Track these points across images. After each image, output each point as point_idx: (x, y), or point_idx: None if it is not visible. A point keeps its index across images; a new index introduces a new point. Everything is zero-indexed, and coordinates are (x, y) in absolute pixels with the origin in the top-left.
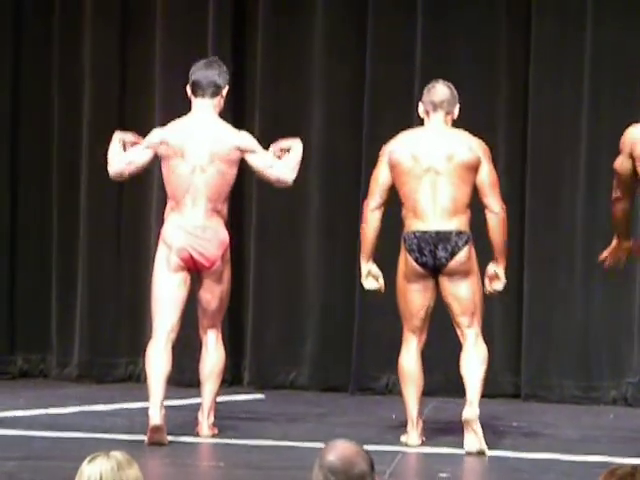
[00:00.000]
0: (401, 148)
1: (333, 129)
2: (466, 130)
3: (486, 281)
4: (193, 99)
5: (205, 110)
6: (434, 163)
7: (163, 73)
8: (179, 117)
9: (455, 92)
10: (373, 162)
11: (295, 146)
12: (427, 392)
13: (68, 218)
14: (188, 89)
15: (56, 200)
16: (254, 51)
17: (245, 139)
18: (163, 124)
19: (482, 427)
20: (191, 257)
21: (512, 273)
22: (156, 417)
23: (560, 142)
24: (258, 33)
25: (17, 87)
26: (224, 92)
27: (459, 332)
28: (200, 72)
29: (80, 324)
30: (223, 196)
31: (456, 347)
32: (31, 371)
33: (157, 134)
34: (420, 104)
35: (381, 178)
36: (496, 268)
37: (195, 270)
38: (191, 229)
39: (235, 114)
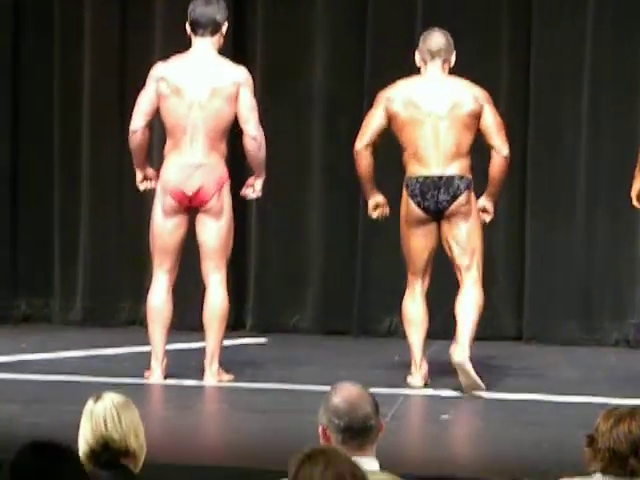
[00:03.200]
0: (399, 96)
1: (334, 78)
2: (468, 76)
3: None
4: (193, 37)
5: (205, 48)
6: (436, 109)
7: (164, 27)
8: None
9: (451, 39)
10: None
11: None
12: (430, 335)
13: (70, 163)
14: (187, 27)
15: (58, 146)
16: (255, 1)
17: (243, 73)
18: None
19: (484, 369)
20: (185, 195)
21: (514, 215)
22: (157, 372)
23: (562, 90)
24: None
25: (17, 54)
26: (223, 29)
27: (458, 274)
28: (199, 9)
29: (83, 268)
30: (221, 133)
31: (458, 290)
32: (34, 316)
33: (158, 70)
34: (417, 53)
35: (374, 122)
36: (487, 203)
37: (191, 208)
38: (188, 166)
39: (235, 62)
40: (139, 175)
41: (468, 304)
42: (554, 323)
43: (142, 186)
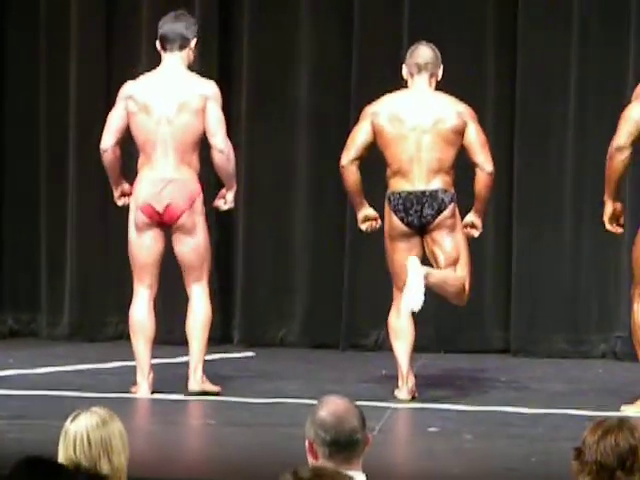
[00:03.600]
0: (385, 111)
1: (320, 90)
2: (455, 85)
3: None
4: (162, 53)
5: (173, 64)
6: (420, 123)
7: (150, 28)
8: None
9: (438, 53)
10: None
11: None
12: (417, 348)
13: (57, 176)
14: (157, 44)
15: (44, 156)
16: (241, 9)
17: (211, 87)
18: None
19: (471, 382)
20: (155, 211)
21: (501, 229)
22: (144, 386)
23: (548, 99)
24: None
25: (2, 53)
26: (192, 44)
27: None
28: (167, 26)
29: (70, 283)
30: (191, 147)
31: (446, 302)
32: (21, 331)
33: (127, 89)
34: (404, 66)
35: (359, 138)
36: (474, 219)
37: (164, 224)
38: (159, 181)
39: (221, 77)
40: (116, 192)
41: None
42: (541, 336)
43: (120, 202)
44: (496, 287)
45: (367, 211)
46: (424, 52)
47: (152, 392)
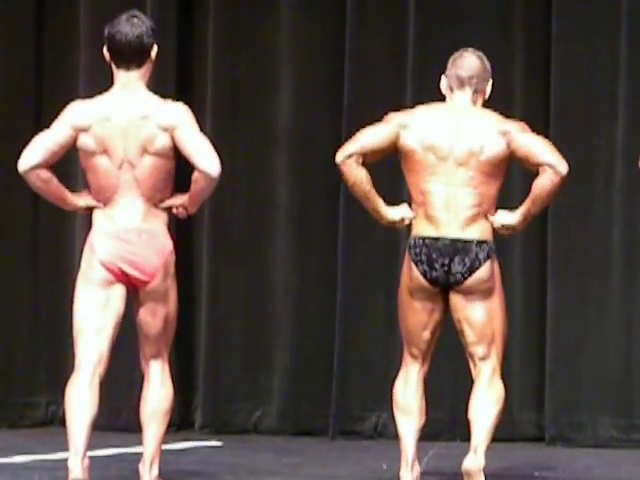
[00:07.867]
0: (417, 128)
1: (306, 105)
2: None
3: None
4: (115, 70)
5: (130, 86)
6: (454, 152)
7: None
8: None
9: (488, 65)
10: None
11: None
12: (428, 434)
13: None
14: (106, 53)
15: None
16: (205, 5)
17: (174, 113)
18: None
19: (497, 477)
20: (122, 272)
21: (533, 283)
22: (77, 470)
23: (591, 121)
24: None
25: None
26: (153, 55)
27: (471, 365)
28: (120, 35)
29: None
30: (161, 191)
31: (466, 378)
32: None
33: (78, 115)
34: (443, 78)
35: (373, 135)
36: (513, 220)
37: (131, 287)
38: (122, 234)
39: (180, 88)
40: (68, 207)
41: (484, 402)
42: (583, 420)
43: (83, 205)
44: (526, 359)
45: (389, 214)
46: (469, 62)
47: None
